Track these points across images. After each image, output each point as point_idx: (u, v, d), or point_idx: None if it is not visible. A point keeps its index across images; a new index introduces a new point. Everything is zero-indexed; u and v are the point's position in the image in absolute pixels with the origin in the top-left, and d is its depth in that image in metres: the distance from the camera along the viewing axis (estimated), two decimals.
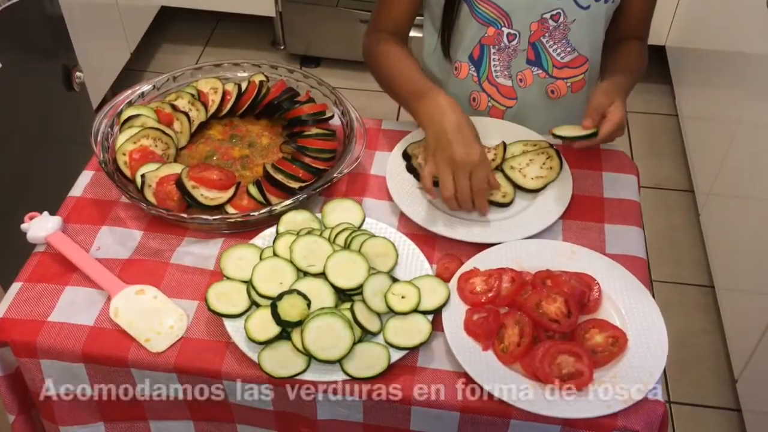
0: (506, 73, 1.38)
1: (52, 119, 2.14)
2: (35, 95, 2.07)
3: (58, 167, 1.98)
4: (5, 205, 1.92)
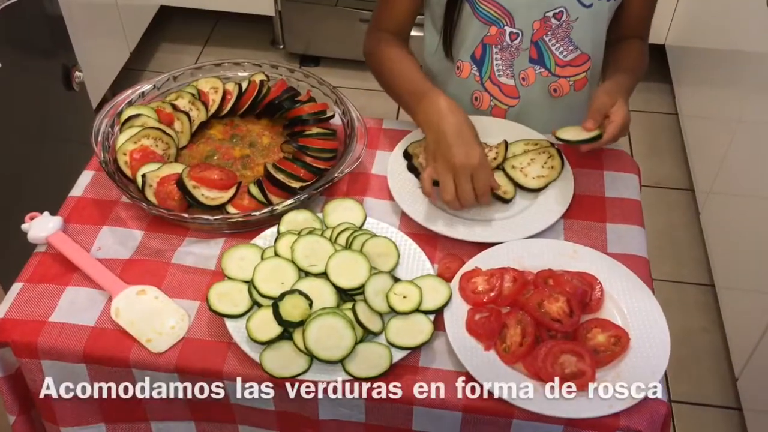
0: (509, 72, 1.38)
1: (51, 119, 2.14)
2: (35, 95, 2.07)
3: (57, 167, 1.98)
4: (5, 205, 1.92)
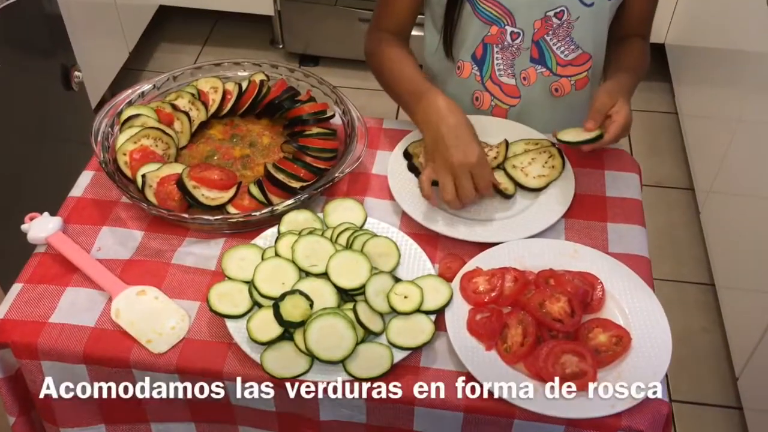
0: (510, 71, 1.37)
1: (50, 119, 2.14)
2: (34, 95, 2.07)
3: (57, 167, 1.98)
4: (5, 205, 1.92)
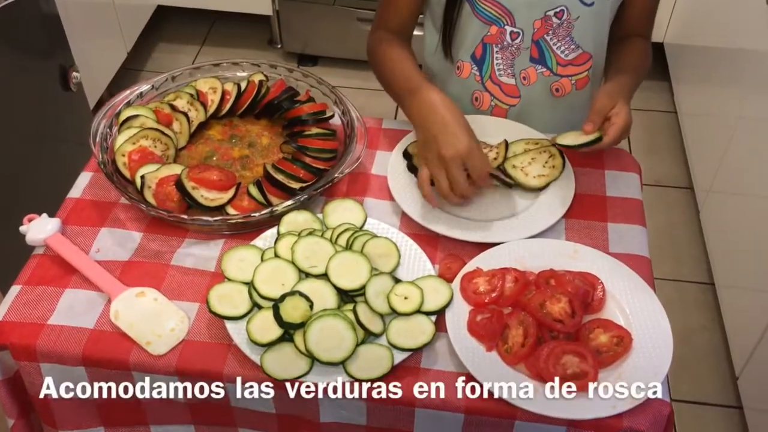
0: (509, 71, 1.37)
1: (48, 119, 2.13)
2: (32, 95, 2.06)
3: (55, 168, 1.97)
4: (3, 206, 1.91)
